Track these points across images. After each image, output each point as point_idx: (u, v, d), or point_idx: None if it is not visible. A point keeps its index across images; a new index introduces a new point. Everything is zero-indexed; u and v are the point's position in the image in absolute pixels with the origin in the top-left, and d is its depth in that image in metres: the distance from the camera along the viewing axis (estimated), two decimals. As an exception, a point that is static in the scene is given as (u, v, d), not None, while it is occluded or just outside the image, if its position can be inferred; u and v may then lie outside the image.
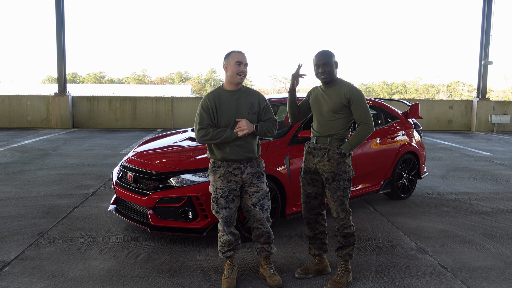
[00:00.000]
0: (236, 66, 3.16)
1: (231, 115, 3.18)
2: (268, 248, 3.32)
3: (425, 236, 4.43)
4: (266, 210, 3.25)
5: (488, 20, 17.71)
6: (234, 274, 3.29)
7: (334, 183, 3.22)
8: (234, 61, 3.17)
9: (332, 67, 3.23)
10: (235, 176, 3.19)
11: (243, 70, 3.18)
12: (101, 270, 3.51)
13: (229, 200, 3.20)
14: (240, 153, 3.18)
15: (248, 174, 3.21)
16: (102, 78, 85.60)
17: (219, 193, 3.20)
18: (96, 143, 12.00)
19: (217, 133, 3.14)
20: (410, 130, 6.09)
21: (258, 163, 3.28)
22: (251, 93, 3.30)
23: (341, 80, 3.30)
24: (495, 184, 7.06)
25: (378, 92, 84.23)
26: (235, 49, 3.21)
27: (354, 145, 3.21)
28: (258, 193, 3.22)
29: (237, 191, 3.23)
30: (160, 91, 43.94)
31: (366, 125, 3.19)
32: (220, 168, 3.21)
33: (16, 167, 7.93)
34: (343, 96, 3.20)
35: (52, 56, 31.35)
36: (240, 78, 3.18)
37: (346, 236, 3.28)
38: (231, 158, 3.17)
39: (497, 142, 13.62)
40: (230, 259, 3.33)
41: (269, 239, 3.31)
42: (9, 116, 17.14)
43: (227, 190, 3.19)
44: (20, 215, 4.95)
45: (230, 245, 3.28)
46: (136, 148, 5.01)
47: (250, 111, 3.22)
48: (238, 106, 3.20)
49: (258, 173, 3.25)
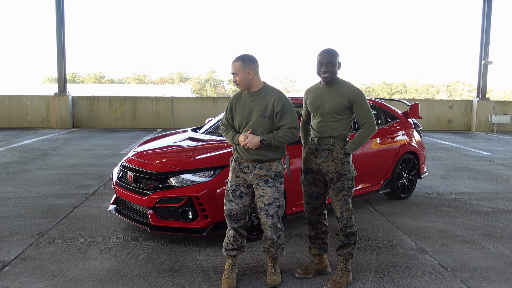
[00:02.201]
0: (234, 76, 3.22)
1: (243, 117, 3.21)
2: (272, 251, 3.30)
3: (425, 236, 4.43)
4: (271, 217, 3.17)
5: (488, 20, 17.71)
6: (234, 274, 3.29)
7: (339, 183, 3.22)
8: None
9: (335, 67, 3.22)
10: (244, 174, 3.22)
11: (235, 80, 3.20)
12: (101, 270, 3.51)
13: (236, 195, 3.22)
14: (246, 154, 3.18)
15: (254, 175, 3.18)
16: (102, 78, 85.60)
17: (228, 185, 3.29)
18: (96, 143, 12.01)
19: (226, 133, 3.28)
20: (410, 130, 6.10)
21: (270, 167, 3.18)
22: (269, 96, 3.18)
23: (342, 80, 3.30)
24: (495, 184, 7.06)
25: (378, 92, 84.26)
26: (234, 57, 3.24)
27: (357, 145, 3.23)
28: (263, 197, 3.17)
29: (244, 188, 3.24)
30: (160, 91, 43.96)
31: (369, 126, 3.20)
32: (234, 162, 3.30)
33: (16, 167, 7.93)
34: (345, 97, 3.19)
35: (52, 56, 31.36)
36: (237, 87, 3.23)
37: (348, 235, 3.28)
38: (237, 156, 3.26)
39: (497, 142, 13.62)
40: (232, 258, 3.33)
41: (274, 244, 3.27)
42: (9, 116, 17.15)
43: (234, 184, 3.25)
44: (20, 215, 4.95)
45: (235, 243, 3.29)
46: (136, 148, 5.01)
47: (261, 115, 3.15)
48: (251, 108, 3.19)
49: (266, 177, 3.16)
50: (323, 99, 3.27)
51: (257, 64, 3.22)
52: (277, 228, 3.23)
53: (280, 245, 3.29)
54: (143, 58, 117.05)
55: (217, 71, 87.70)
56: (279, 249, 3.30)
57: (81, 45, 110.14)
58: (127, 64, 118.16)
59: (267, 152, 3.15)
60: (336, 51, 3.25)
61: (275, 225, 3.21)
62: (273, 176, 3.18)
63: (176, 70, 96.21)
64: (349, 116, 3.26)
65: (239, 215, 3.25)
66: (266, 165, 3.17)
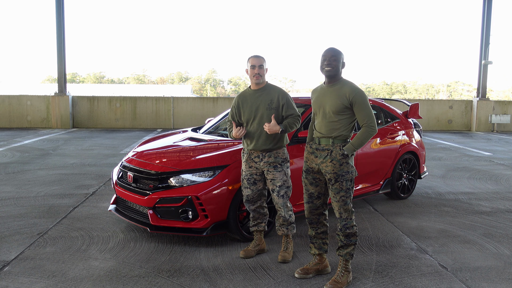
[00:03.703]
0: (251, 70, 3.68)
1: (252, 111, 3.70)
2: (284, 228, 3.74)
3: (425, 236, 4.43)
4: (282, 196, 3.67)
5: (488, 20, 17.71)
6: (254, 247, 3.84)
7: (337, 184, 3.21)
8: (250, 65, 3.69)
9: (339, 63, 3.21)
10: (255, 163, 3.72)
11: (257, 72, 3.65)
12: (101, 270, 3.51)
13: (251, 182, 3.75)
14: (257, 145, 3.67)
15: (265, 163, 3.67)
16: (102, 78, 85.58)
17: (243, 175, 3.80)
18: (96, 143, 12.01)
19: (228, 130, 3.89)
20: (410, 130, 6.10)
21: (276, 155, 3.67)
22: (273, 91, 3.71)
23: (344, 80, 3.28)
24: (495, 184, 7.06)
25: (378, 92, 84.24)
26: (252, 54, 3.79)
27: (356, 146, 3.20)
28: (274, 180, 3.66)
29: (258, 175, 3.74)
30: (160, 91, 43.95)
31: (369, 127, 3.17)
32: (245, 154, 3.78)
33: (16, 167, 7.94)
34: (345, 97, 3.18)
35: (52, 56, 31.33)
36: (256, 79, 3.67)
37: (348, 235, 3.27)
38: (249, 148, 3.72)
39: (497, 142, 13.62)
40: (257, 234, 3.87)
41: (285, 221, 3.73)
42: (9, 116, 17.15)
43: (248, 173, 3.75)
44: (20, 215, 4.95)
45: (255, 221, 3.85)
46: (136, 148, 5.01)
47: (268, 107, 3.65)
48: (258, 103, 3.69)
49: (275, 163, 3.66)
50: (324, 99, 3.27)
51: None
52: (287, 207, 3.72)
53: (291, 223, 3.76)
54: (143, 58, 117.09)
55: (217, 71, 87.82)
56: (290, 226, 3.75)
57: (81, 45, 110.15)
58: (127, 64, 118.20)
59: (273, 142, 3.66)
60: (340, 51, 3.26)
61: (286, 204, 3.70)
62: (280, 162, 3.69)
63: (176, 70, 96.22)
64: (350, 116, 3.24)
65: (255, 198, 3.78)
66: (274, 153, 3.68)
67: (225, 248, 4.02)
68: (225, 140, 4.68)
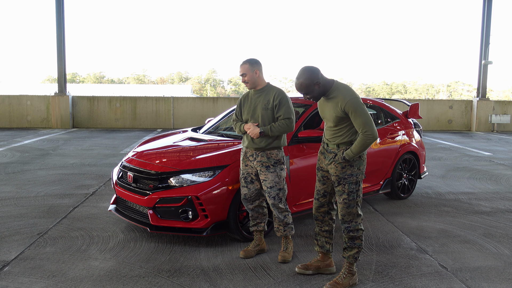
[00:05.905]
0: (241, 77, 3.79)
1: (250, 111, 3.78)
2: (281, 229, 3.75)
3: (425, 236, 4.43)
4: (274, 198, 3.66)
5: (488, 20, 17.71)
6: (254, 247, 3.84)
7: (340, 186, 3.23)
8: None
9: (314, 91, 3.19)
10: (250, 162, 3.75)
11: (245, 80, 3.74)
12: (101, 270, 3.51)
13: (247, 181, 3.76)
14: (251, 143, 3.70)
15: (258, 162, 3.68)
16: (102, 78, 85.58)
17: (241, 174, 3.82)
18: (96, 143, 12.01)
19: (235, 124, 3.87)
20: (410, 130, 6.10)
21: (270, 155, 3.67)
22: (271, 92, 3.75)
23: (336, 86, 3.22)
24: (495, 184, 7.06)
25: (378, 92, 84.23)
26: (243, 60, 3.83)
27: (355, 153, 3.16)
28: (266, 181, 3.67)
29: (254, 175, 3.75)
30: (160, 91, 43.94)
31: (365, 136, 3.10)
32: (242, 153, 3.83)
33: (16, 167, 7.93)
34: (339, 108, 3.16)
35: (52, 56, 31.31)
36: (246, 86, 3.78)
37: (352, 238, 3.26)
38: (245, 146, 3.77)
39: (497, 142, 13.62)
40: (257, 234, 3.87)
41: (281, 222, 3.72)
42: (9, 116, 17.14)
43: (245, 172, 3.78)
44: (20, 215, 4.95)
45: (254, 221, 3.85)
46: (136, 148, 5.01)
47: (264, 107, 3.70)
48: (256, 103, 3.76)
49: (267, 163, 3.66)
50: (324, 110, 3.33)
51: (261, 65, 3.79)
52: (280, 208, 3.69)
53: (287, 224, 3.74)
54: (143, 58, 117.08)
55: (217, 71, 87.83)
56: (287, 227, 3.74)
57: (81, 45, 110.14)
58: (127, 64, 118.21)
59: (267, 142, 3.65)
60: (309, 77, 3.15)
61: (277, 205, 3.67)
62: (273, 163, 3.67)
63: (176, 70, 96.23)
64: (350, 123, 3.22)
65: (253, 197, 3.78)
66: (267, 153, 3.67)
67: (225, 248, 4.02)
68: (225, 140, 4.68)
